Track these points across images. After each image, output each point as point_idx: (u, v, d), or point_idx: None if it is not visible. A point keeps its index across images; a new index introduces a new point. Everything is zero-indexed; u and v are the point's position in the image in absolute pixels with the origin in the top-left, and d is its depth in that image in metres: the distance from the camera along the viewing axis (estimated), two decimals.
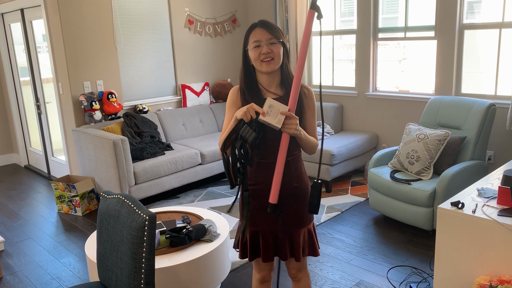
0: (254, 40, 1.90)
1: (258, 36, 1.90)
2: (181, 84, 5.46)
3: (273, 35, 1.90)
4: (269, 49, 1.89)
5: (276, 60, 1.92)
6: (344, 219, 3.99)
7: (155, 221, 1.67)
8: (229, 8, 5.86)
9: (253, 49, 1.91)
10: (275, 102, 1.80)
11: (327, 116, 5.23)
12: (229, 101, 2.04)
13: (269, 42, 1.89)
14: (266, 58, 1.89)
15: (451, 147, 3.66)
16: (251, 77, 1.99)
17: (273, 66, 1.92)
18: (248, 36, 1.94)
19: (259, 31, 1.90)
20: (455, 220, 2.39)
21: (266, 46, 1.88)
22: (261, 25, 1.91)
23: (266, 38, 1.89)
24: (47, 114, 5.43)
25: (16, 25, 5.58)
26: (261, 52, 1.89)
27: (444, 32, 4.31)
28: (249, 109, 1.79)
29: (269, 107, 1.78)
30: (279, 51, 1.92)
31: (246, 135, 1.80)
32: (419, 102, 4.62)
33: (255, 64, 1.93)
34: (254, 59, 1.92)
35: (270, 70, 1.93)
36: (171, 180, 4.50)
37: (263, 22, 1.93)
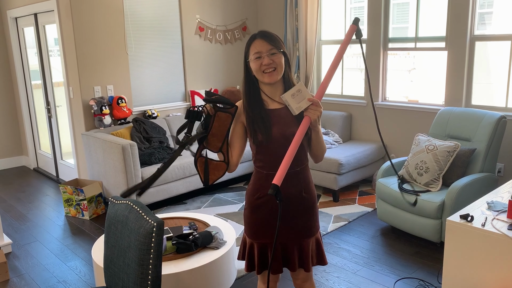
0: (255, 52, 1.89)
1: (258, 47, 1.89)
2: (190, 90, 5.48)
3: (274, 46, 1.89)
4: (271, 59, 1.88)
5: (279, 70, 1.91)
6: (351, 229, 3.96)
7: (163, 227, 1.67)
8: (239, 16, 5.90)
9: (254, 60, 1.90)
10: (304, 88, 1.83)
11: (336, 125, 5.22)
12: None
13: (270, 53, 1.88)
14: (268, 69, 1.89)
15: (461, 159, 3.63)
16: (254, 88, 1.98)
17: (275, 76, 1.91)
18: (249, 47, 1.94)
19: (259, 43, 1.89)
20: (464, 233, 2.37)
21: (267, 57, 1.88)
22: (260, 36, 1.91)
23: (267, 49, 1.88)
24: (57, 117, 5.48)
25: (29, 29, 5.65)
26: (262, 63, 1.88)
27: (455, 43, 4.30)
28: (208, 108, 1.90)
29: (297, 91, 1.83)
30: (281, 61, 1.91)
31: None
32: (428, 112, 4.60)
33: (257, 75, 1.93)
34: (256, 70, 1.91)
35: (273, 81, 1.92)
36: (178, 185, 4.51)
37: (263, 33, 1.92)
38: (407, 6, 5.12)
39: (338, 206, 4.47)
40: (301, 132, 1.82)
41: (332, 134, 5.15)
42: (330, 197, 4.69)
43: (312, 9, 5.30)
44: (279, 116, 1.95)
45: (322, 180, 4.61)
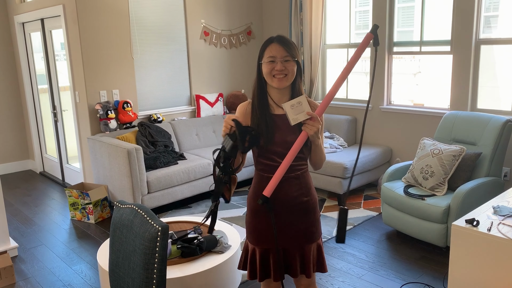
0: (269, 55, 1.91)
1: (273, 51, 1.90)
2: (195, 94, 5.50)
3: (289, 53, 1.90)
4: (283, 66, 1.90)
5: (289, 77, 1.93)
6: (357, 233, 3.95)
7: (168, 232, 1.68)
8: (244, 20, 5.92)
9: (267, 63, 1.91)
10: (305, 101, 1.85)
11: (341, 129, 5.22)
12: (236, 117, 2.05)
13: (284, 60, 1.90)
14: (279, 74, 1.90)
15: (466, 163, 3.62)
16: (263, 90, 2.00)
17: (285, 82, 1.93)
18: (264, 49, 1.94)
19: (275, 47, 1.90)
20: (469, 238, 2.36)
21: (281, 63, 1.89)
22: (278, 41, 1.91)
23: (282, 55, 1.89)
24: (63, 121, 5.51)
25: (36, 34, 5.70)
26: (275, 68, 1.90)
27: (460, 47, 4.29)
28: (226, 121, 1.90)
29: (297, 103, 1.85)
30: (293, 69, 1.92)
31: (225, 144, 1.88)
32: (434, 116, 4.59)
33: (267, 78, 1.94)
34: (266, 73, 1.93)
35: (281, 87, 1.94)
36: (184, 189, 4.52)
37: (280, 38, 1.92)
38: (412, 9, 5.12)
39: None
40: (297, 146, 1.87)
41: (337, 138, 5.14)
42: (335, 201, 4.68)
43: (317, 13, 5.31)
44: (283, 122, 1.96)
45: (327, 184, 4.61)
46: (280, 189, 1.96)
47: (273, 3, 5.96)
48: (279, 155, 1.94)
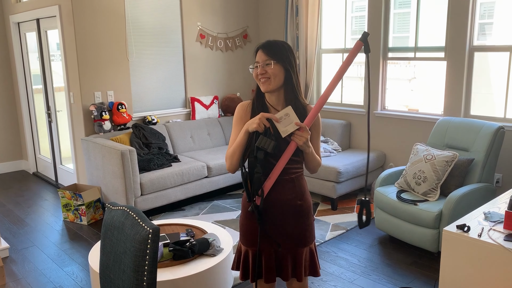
0: (255, 61, 2.00)
1: (257, 57, 1.99)
2: (190, 97, 5.51)
3: (269, 57, 1.95)
4: (264, 70, 1.95)
5: (272, 80, 1.96)
6: (349, 237, 3.96)
7: (159, 234, 1.68)
8: (240, 24, 5.93)
9: (254, 69, 2.00)
10: (292, 112, 1.87)
11: (335, 133, 5.23)
12: (236, 116, 2.07)
13: (265, 63, 1.96)
14: (262, 78, 1.97)
15: (459, 169, 3.64)
16: (260, 94, 2.06)
17: (267, 86, 1.97)
18: (255, 57, 2.03)
19: (259, 53, 1.99)
20: (460, 243, 2.37)
21: (261, 67, 1.96)
22: (261, 47, 1.98)
23: (263, 60, 1.96)
24: (57, 122, 5.50)
25: (31, 34, 5.68)
26: (258, 72, 1.98)
27: (454, 54, 4.32)
28: (261, 119, 1.84)
29: (285, 115, 1.87)
30: (275, 72, 1.95)
31: (264, 145, 1.84)
32: (427, 122, 4.61)
33: (257, 82, 2.03)
34: (254, 77, 2.02)
35: (265, 90, 1.99)
36: (177, 192, 4.52)
37: (264, 44, 1.99)
38: (408, 15, 5.16)
39: (336, 214, 4.47)
40: (286, 156, 1.90)
41: (331, 142, 5.16)
42: (328, 205, 4.69)
43: (313, 18, 5.34)
44: None
45: (321, 188, 4.62)
46: (274, 191, 1.98)
47: (269, 7, 5.98)
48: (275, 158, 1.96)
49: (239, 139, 1.93)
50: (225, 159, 2.02)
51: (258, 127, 1.84)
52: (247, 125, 1.89)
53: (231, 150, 1.98)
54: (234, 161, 1.97)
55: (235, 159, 1.96)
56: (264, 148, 1.84)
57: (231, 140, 2.05)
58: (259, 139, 1.85)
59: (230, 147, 2.02)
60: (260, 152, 1.86)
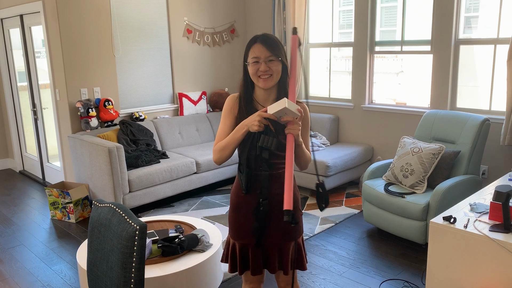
0: (253, 56, 1.90)
1: (257, 52, 1.89)
2: (178, 92, 5.48)
3: (272, 53, 1.89)
4: (267, 66, 1.89)
5: (275, 77, 1.92)
6: (338, 231, 3.98)
7: (146, 231, 1.67)
8: (228, 19, 5.90)
9: (252, 64, 1.91)
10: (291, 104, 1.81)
11: (323, 128, 5.25)
12: (226, 108, 2.04)
13: (268, 60, 1.89)
14: (264, 75, 1.90)
15: (445, 161, 3.67)
16: (248, 90, 2.01)
17: (270, 83, 1.93)
18: (248, 50, 1.94)
19: (258, 47, 1.89)
20: (447, 235, 2.40)
21: (265, 63, 1.88)
22: (261, 41, 1.90)
23: (265, 56, 1.88)
24: (44, 120, 5.43)
25: (15, 31, 5.59)
26: (259, 69, 1.90)
27: (440, 47, 4.35)
28: (261, 121, 1.82)
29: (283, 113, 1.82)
30: (278, 69, 1.91)
31: (267, 144, 1.84)
32: (414, 115, 4.65)
33: (253, 78, 1.95)
34: (252, 74, 1.93)
35: (267, 87, 1.94)
36: (166, 188, 4.50)
37: (264, 38, 1.91)
38: (395, 9, 5.17)
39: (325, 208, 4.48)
40: (290, 149, 1.85)
41: (319, 136, 5.17)
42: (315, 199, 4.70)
43: (300, 12, 5.33)
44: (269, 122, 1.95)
45: (310, 182, 4.63)
46: (262, 186, 1.97)
47: (256, 1, 5.96)
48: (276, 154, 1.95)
49: (237, 136, 1.90)
50: (213, 151, 1.99)
51: (259, 128, 1.82)
52: (245, 126, 1.86)
53: (223, 144, 1.95)
54: (225, 154, 1.95)
55: (226, 153, 1.95)
56: (268, 147, 1.85)
57: (220, 131, 2.01)
58: (261, 139, 1.85)
59: (218, 138, 2.00)
60: (265, 151, 1.87)
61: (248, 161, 1.94)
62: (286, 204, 1.76)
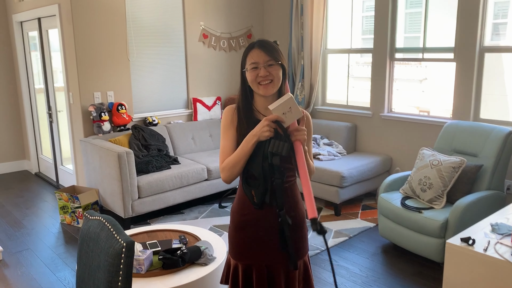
0: (252, 62, 1.80)
1: (255, 57, 1.79)
2: (192, 97, 5.40)
3: (271, 57, 1.79)
4: (267, 71, 1.78)
5: (275, 83, 1.81)
6: (352, 245, 3.82)
7: (133, 248, 1.57)
8: (245, 24, 5.81)
9: (250, 70, 1.80)
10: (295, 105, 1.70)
11: (340, 136, 5.08)
12: (225, 122, 1.91)
13: (267, 64, 1.78)
14: (264, 81, 1.79)
15: (467, 175, 3.47)
16: (247, 100, 1.89)
17: (271, 89, 1.82)
18: (246, 56, 1.84)
19: (256, 53, 1.80)
20: (464, 257, 2.23)
21: (264, 68, 1.78)
22: (259, 46, 1.81)
23: (264, 60, 1.78)
24: (58, 122, 5.43)
25: (33, 34, 5.63)
26: (259, 74, 1.79)
27: (463, 55, 4.15)
28: (270, 125, 1.71)
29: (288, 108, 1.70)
30: (278, 73, 1.81)
31: (278, 149, 1.71)
32: (436, 125, 4.44)
33: (252, 86, 1.83)
34: (251, 81, 1.81)
35: (268, 94, 1.82)
36: (176, 195, 4.41)
37: (261, 43, 1.82)
38: (420, 15, 4.98)
39: (340, 220, 4.32)
40: (301, 158, 1.73)
41: (335, 145, 5.01)
42: (331, 211, 4.55)
43: (318, 18, 5.20)
44: None
45: (324, 193, 4.48)
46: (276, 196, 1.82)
47: (274, 6, 5.85)
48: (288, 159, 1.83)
49: (247, 149, 1.77)
50: (221, 170, 1.85)
51: (271, 134, 1.70)
52: (255, 136, 1.73)
53: (232, 160, 1.81)
54: (236, 171, 1.82)
55: (237, 169, 1.81)
56: (278, 153, 1.71)
57: (224, 147, 1.88)
58: (271, 144, 1.71)
59: (223, 155, 1.87)
60: (276, 157, 1.73)
61: (264, 173, 1.79)
62: (310, 212, 1.63)
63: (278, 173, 1.77)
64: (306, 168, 1.72)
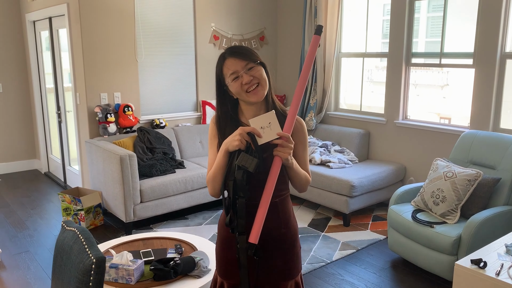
0: (231, 73, 1.65)
1: (232, 67, 1.65)
2: (202, 100, 5.29)
3: (248, 60, 1.65)
4: (250, 75, 1.65)
5: (263, 84, 1.68)
6: (359, 259, 3.63)
7: (104, 265, 1.45)
8: (257, 25, 5.68)
9: (232, 82, 1.66)
10: (275, 120, 1.56)
11: (352, 143, 4.90)
12: (210, 133, 1.79)
13: (247, 69, 1.65)
14: (250, 87, 1.65)
15: (483, 189, 3.26)
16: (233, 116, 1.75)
17: (261, 92, 1.68)
18: (221, 70, 1.69)
19: (231, 62, 1.66)
20: (474, 281, 2.04)
21: (245, 74, 1.64)
22: (230, 54, 1.67)
23: (242, 66, 1.65)
24: (67, 123, 5.39)
25: (45, 33, 5.62)
26: (242, 82, 1.64)
27: (483, 61, 3.93)
28: (242, 135, 1.56)
29: (267, 123, 1.57)
30: (262, 73, 1.67)
31: (246, 163, 1.55)
32: (453, 134, 4.23)
33: (240, 97, 1.69)
34: (238, 92, 1.67)
35: (261, 98, 1.69)
36: (179, 200, 4.30)
37: (231, 50, 1.69)
38: (441, 19, 4.77)
39: (348, 231, 4.14)
40: (273, 176, 1.58)
41: (347, 152, 4.83)
42: (340, 221, 4.37)
43: (332, 20, 5.03)
44: None
45: (333, 202, 4.30)
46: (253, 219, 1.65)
47: (287, 7, 5.70)
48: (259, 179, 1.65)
49: (218, 161, 1.65)
50: (207, 184, 1.74)
51: (240, 144, 1.56)
52: (225, 144, 1.61)
53: (211, 173, 1.70)
54: (216, 185, 1.69)
55: (216, 183, 1.69)
56: (245, 167, 1.56)
57: (210, 160, 1.77)
58: (240, 157, 1.57)
59: (209, 167, 1.76)
60: (238, 171, 1.57)
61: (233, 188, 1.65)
62: (252, 236, 1.53)
63: (241, 190, 1.60)
64: (272, 188, 1.58)
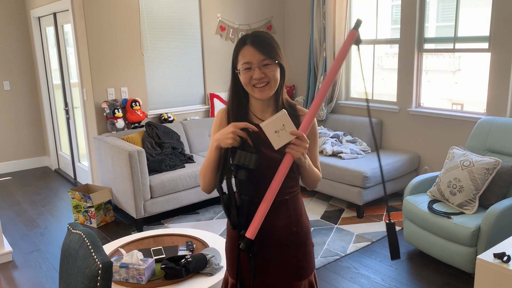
0: (244, 62, 1.55)
1: (248, 56, 1.55)
2: (209, 93, 5.22)
3: (267, 55, 1.55)
4: (262, 73, 1.55)
5: (272, 85, 1.59)
6: (374, 251, 3.56)
7: (111, 270, 1.39)
8: (264, 14, 5.57)
9: (243, 72, 1.56)
10: (289, 120, 1.47)
11: (364, 133, 4.80)
12: (214, 125, 1.72)
13: (262, 64, 1.55)
14: (259, 83, 1.56)
15: (502, 178, 3.15)
16: (241, 102, 1.66)
17: (268, 92, 1.59)
18: (237, 54, 1.59)
19: (249, 50, 1.55)
20: (497, 277, 1.95)
21: (259, 69, 1.54)
22: (251, 43, 1.56)
23: (258, 60, 1.54)
24: (75, 119, 5.36)
25: (50, 29, 5.56)
26: (253, 76, 1.55)
27: (499, 44, 3.79)
28: (234, 132, 1.48)
29: (281, 126, 1.47)
30: (275, 74, 1.57)
31: (245, 161, 1.48)
32: (469, 121, 4.10)
33: (247, 88, 1.60)
34: (245, 83, 1.58)
35: (265, 97, 1.60)
36: (190, 195, 4.25)
37: (254, 39, 1.57)
38: (454, 3, 4.63)
39: (362, 223, 4.06)
40: (281, 174, 1.51)
41: (359, 142, 4.73)
42: (354, 212, 4.29)
43: (341, 7, 4.90)
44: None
45: (346, 193, 4.22)
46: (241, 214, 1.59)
47: None
48: (263, 175, 1.59)
49: (209, 156, 1.58)
50: (199, 177, 1.68)
51: (234, 142, 1.48)
52: (217, 140, 1.52)
53: (202, 168, 1.64)
54: (206, 181, 1.64)
55: (207, 179, 1.63)
56: (245, 165, 1.48)
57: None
58: (237, 156, 1.48)
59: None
60: (241, 171, 1.50)
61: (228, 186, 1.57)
62: (250, 231, 1.48)
63: (245, 188, 1.53)
64: (278, 185, 1.50)
